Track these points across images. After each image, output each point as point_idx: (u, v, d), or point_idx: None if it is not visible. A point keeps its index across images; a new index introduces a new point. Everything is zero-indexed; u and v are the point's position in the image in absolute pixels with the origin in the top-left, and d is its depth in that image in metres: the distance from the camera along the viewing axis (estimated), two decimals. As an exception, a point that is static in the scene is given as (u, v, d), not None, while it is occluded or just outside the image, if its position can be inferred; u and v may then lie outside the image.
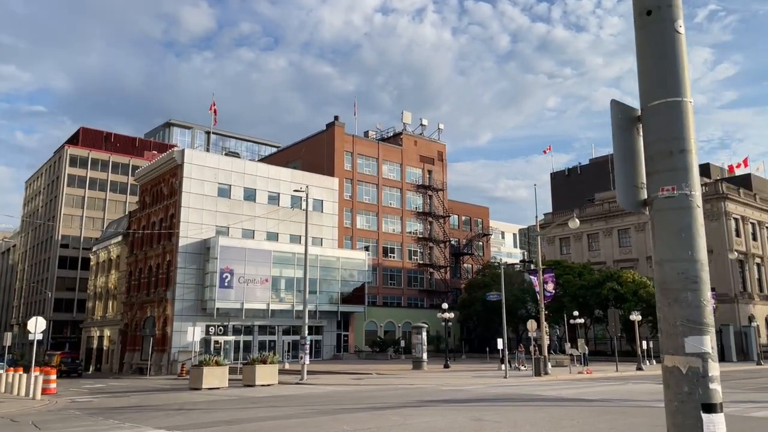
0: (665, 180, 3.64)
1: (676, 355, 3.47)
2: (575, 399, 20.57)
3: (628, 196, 3.79)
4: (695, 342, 3.42)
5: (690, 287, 3.48)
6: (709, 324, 3.48)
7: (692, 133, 3.71)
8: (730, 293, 57.15)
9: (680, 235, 3.56)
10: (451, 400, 20.72)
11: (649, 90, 3.81)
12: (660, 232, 3.66)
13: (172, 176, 58.22)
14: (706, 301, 3.49)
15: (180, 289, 54.41)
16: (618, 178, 3.77)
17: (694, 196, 3.61)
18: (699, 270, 3.51)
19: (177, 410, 18.87)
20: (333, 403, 20.06)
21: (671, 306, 3.53)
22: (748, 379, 32.72)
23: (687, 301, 3.47)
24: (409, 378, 33.01)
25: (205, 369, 27.63)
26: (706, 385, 3.39)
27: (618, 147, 3.82)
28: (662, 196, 3.64)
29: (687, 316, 3.46)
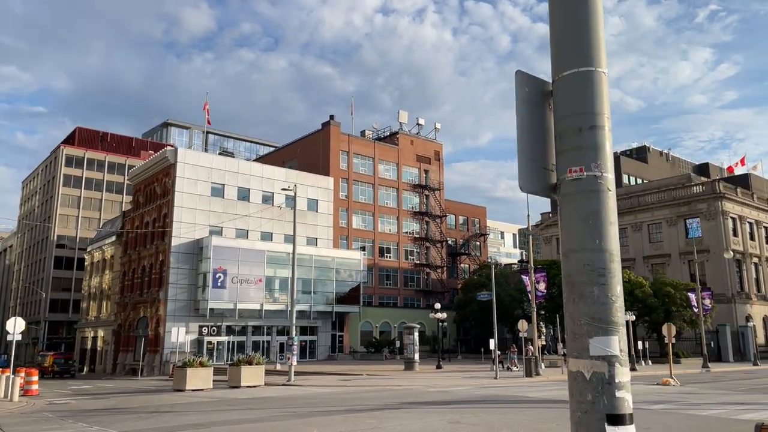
0: (573, 160, 3.23)
1: (580, 358, 3.04)
2: (560, 401, 20.10)
3: (534, 180, 3.36)
4: (601, 343, 3.00)
5: (597, 281, 3.06)
6: (618, 323, 3.05)
7: (605, 108, 3.29)
8: (727, 293, 56.61)
9: (587, 221, 3.13)
10: (434, 402, 20.29)
11: (560, 60, 3.39)
12: (566, 218, 3.23)
13: (165, 176, 57.83)
14: (615, 297, 3.06)
15: (173, 290, 53.99)
16: (522, 160, 3.34)
17: (605, 178, 3.19)
18: (607, 261, 3.09)
19: (151, 413, 18.45)
20: (312, 405, 19.64)
21: (576, 302, 3.11)
22: (742, 380, 32.26)
23: (593, 297, 3.05)
24: (399, 379, 32.57)
25: (189, 370, 27.20)
26: (612, 393, 2.96)
27: (523, 123, 3.39)
28: (569, 178, 3.22)
29: (593, 313, 3.04)
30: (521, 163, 3.33)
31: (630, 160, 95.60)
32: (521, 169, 3.32)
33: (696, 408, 18.35)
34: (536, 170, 3.35)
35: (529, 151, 3.35)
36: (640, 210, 64.44)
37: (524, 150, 3.34)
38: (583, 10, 3.37)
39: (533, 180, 3.34)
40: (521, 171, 3.31)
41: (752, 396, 22.14)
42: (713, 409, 18.30)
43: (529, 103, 3.41)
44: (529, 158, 3.34)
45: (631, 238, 65.23)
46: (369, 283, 71.64)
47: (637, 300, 51.38)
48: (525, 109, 3.39)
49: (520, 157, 3.33)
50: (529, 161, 3.34)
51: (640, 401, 20.07)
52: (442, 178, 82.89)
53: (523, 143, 3.35)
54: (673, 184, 68.17)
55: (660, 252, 62.64)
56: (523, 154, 3.34)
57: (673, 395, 22.57)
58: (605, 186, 3.17)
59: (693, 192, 61.90)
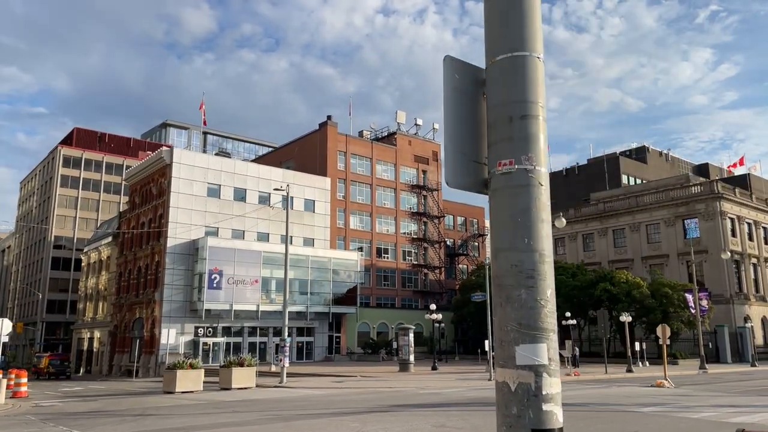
0: (503, 152, 2.98)
1: (506, 368, 2.80)
2: (550, 403, 19.85)
3: (464, 175, 3.10)
4: (528, 351, 2.75)
5: (525, 283, 2.81)
6: (548, 329, 2.80)
7: (540, 96, 3.04)
8: (726, 294, 56.29)
9: (516, 219, 2.88)
10: (423, 405, 20.03)
11: (493, 44, 3.14)
12: (495, 215, 2.99)
13: (161, 176, 57.62)
14: (545, 301, 2.81)
15: (168, 290, 53.77)
16: (450, 153, 3.09)
17: (537, 172, 2.94)
18: (537, 262, 2.84)
19: (135, 416, 18.21)
20: (300, 408, 19.39)
21: (503, 306, 2.86)
22: (738, 381, 31.96)
23: (520, 301, 2.80)
24: (392, 381, 32.31)
25: (179, 372, 26.95)
26: (538, 407, 2.70)
27: (453, 113, 3.14)
28: (498, 172, 2.98)
29: (519, 318, 2.79)
30: (449, 156, 3.08)
31: (629, 161, 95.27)
32: (448, 162, 3.07)
33: (687, 410, 18.08)
34: (466, 164, 3.10)
35: (459, 144, 3.10)
36: (638, 210, 64.15)
37: (453, 142, 3.09)
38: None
39: (463, 175, 3.09)
40: (448, 165, 3.06)
41: (746, 398, 21.86)
42: (705, 411, 18.03)
43: (460, 91, 3.15)
44: (458, 151, 3.08)
45: (629, 239, 64.96)
46: (366, 284, 71.38)
47: (634, 301, 51.12)
48: (456, 97, 3.14)
49: (448, 149, 3.08)
50: (459, 154, 3.09)
51: (631, 403, 19.83)
52: (440, 178, 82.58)
53: (452, 135, 3.09)
54: (671, 184, 67.88)
55: (658, 252, 62.33)
56: (451, 146, 3.09)
57: (666, 397, 22.29)
58: (537, 180, 2.92)
59: (691, 192, 61.60)
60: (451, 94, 3.13)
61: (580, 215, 69.79)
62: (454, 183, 3.07)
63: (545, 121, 3.06)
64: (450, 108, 3.12)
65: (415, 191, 79.36)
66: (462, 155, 3.09)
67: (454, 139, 3.09)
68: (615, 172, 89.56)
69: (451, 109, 3.12)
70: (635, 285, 51.37)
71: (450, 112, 3.12)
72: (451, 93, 3.13)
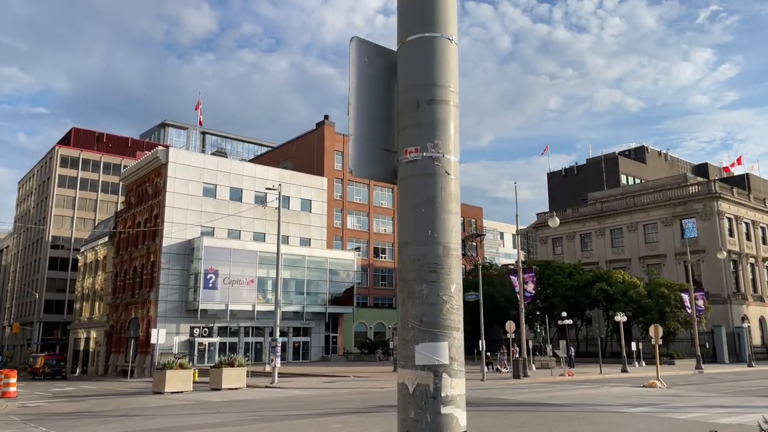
0: (409, 139, 2.81)
1: (406, 368, 2.63)
2: (537, 403, 19.69)
3: (373, 164, 2.92)
4: (428, 350, 2.58)
5: (427, 278, 2.64)
6: (450, 326, 2.63)
7: (450, 80, 2.87)
8: (723, 294, 56.05)
9: (420, 210, 2.71)
10: (410, 405, 19.85)
11: (404, 24, 2.97)
12: (401, 206, 2.82)
13: (157, 176, 57.47)
14: (448, 297, 2.64)
15: (164, 291, 53.60)
16: (357, 140, 2.91)
17: (444, 160, 2.77)
18: (441, 256, 2.66)
19: (118, 417, 18.06)
20: (285, 409, 19.22)
21: (405, 303, 2.69)
22: (733, 381, 31.75)
23: (422, 297, 2.63)
24: (384, 381, 32.11)
25: (168, 372, 26.78)
26: (436, 410, 2.53)
27: (361, 98, 2.95)
28: (405, 160, 2.81)
29: (420, 315, 2.62)
30: (355, 144, 2.89)
31: (628, 161, 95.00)
32: (355, 150, 2.88)
33: (676, 411, 17.89)
34: (375, 152, 2.92)
35: (368, 131, 2.92)
36: (635, 210, 63.92)
37: (361, 129, 2.91)
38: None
39: (372, 164, 2.91)
40: (355, 153, 2.88)
41: (738, 399, 21.66)
42: (693, 412, 17.85)
43: (370, 75, 2.97)
44: (366, 138, 2.91)
45: (626, 239, 64.74)
46: (364, 284, 71.22)
47: (631, 301, 50.92)
48: (365, 82, 2.96)
49: (355, 137, 2.89)
50: (367, 141, 2.91)
51: (620, 404, 19.65)
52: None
53: (360, 121, 2.91)
54: (669, 184, 67.65)
55: (655, 252, 62.11)
56: (358, 133, 2.90)
57: (657, 398, 22.10)
58: (443, 169, 2.75)
59: (689, 192, 61.36)
60: (359, 79, 2.95)
61: (578, 215, 69.58)
62: (361, 172, 2.89)
63: (457, 108, 2.89)
64: (358, 93, 2.94)
65: (413, 191, 79.19)
66: (370, 143, 2.92)
67: (363, 126, 2.91)
68: (614, 172, 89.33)
69: (359, 94, 2.94)
70: (632, 285, 51.16)
71: (358, 98, 2.94)
72: (359, 77, 2.95)
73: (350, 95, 2.91)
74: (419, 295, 2.63)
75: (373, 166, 2.91)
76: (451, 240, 2.71)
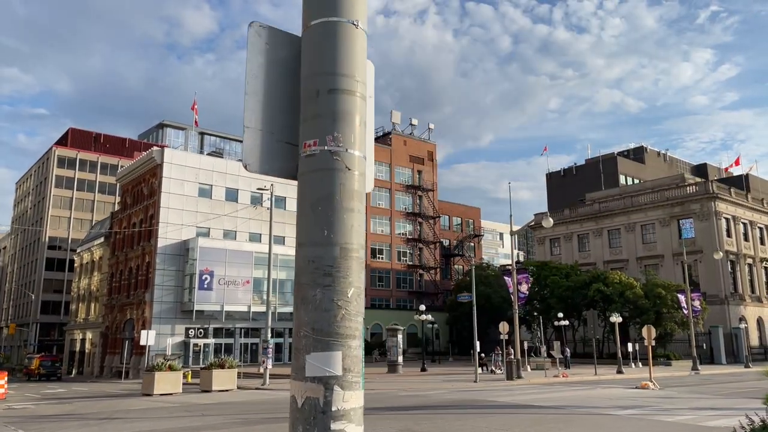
0: (309, 132, 2.60)
1: (296, 379, 2.42)
2: (524, 405, 19.47)
3: (272, 158, 2.70)
4: (318, 360, 2.37)
5: (321, 282, 2.43)
6: (345, 335, 2.42)
7: (356, 69, 2.66)
8: (721, 294, 55.80)
9: (316, 208, 2.51)
10: (398, 407, 19.65)
11: (309, 8, 2.76)
12: (299, 204, 2.61)
13: (152, 176, 57.29)
14: (344, 302, 2.43)
15: (159, 291, 53.40)
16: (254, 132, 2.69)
17: (345, 154, 2.56)
18: (338, 258, 2.46)
19: (101, 419, 17.86)
20: (270, 411, 19.01)
21: (298, 309, 2.48)
22: (728, 383, 31.51)
23: (315, 302, 2.42)
24: (377, 382, 31.89)
25: (157, 374, 26.57)
26: (325, 426, 2.32)
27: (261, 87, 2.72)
28: (304, 154, 2.60)
29: (313, 323, 2.41)
30: (252, 136, 2.66)
31: (627, 161, 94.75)
32: (250, 144, 2.65)
33: (665, 414, 17.68)
34: (276, 146, 2.71)
35: (267, 122, 2.70)
36: (633, 210, 63.69)
37: (259, 121, 2.69)
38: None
39: (272, 158, 2.69)
40: (250, 146, 2.65)
41: (730, 401, 21.43)
42: (683, 414, 17.65)
43: (271, 62, 2.74)
44: (266, 130, 2.69)
45: (624, 239, 64.51)
46: (361, 285, 71.00)
47: (628, 301, 50.71)
48: (264, 68, 2.73)
49: (251, 129, 2.67)
50: (267, 134, 2.69)
51: (609, 406, 19.44)
52: (436, 178, 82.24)
53: (257, 113, 2.69)
54: (667, 184, 67.41)
55: (653, 253, 61.87)
56: (255, 125, 2.68)
57: (648, 399, 21.89)
58: (343, 164, 2.54)
59: (686, 192, 61.11)
60: (258, 66, 2.73)
61: (576, 215, 69.36)
62: (258, 167, 2.67)
63: (365, 99, 2.68)
64: (257, 82, 2.72)
65: (411, 191, 78.98)
66: (270, 135, 2.70)
67: (261, 116, 2.69)
68: (613, 172, 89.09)
69: (258, 83, 2.72)
70: (628, 285, 50.94)
71: (256, 86, 2.71)
72: (259, 64, 2.73)
73: (246, 83, 2.69)
74: (312, 300, 2.42)
75: (273, 160, 2.69)
76: (351, 241, 2.50)
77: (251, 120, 2.67)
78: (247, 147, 2.65)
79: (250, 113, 2.67)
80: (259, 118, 2.69)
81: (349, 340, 2.41)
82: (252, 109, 2.67)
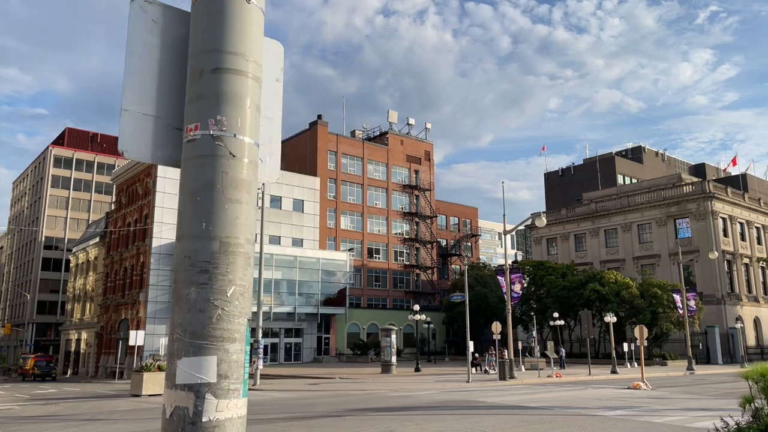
0: (191, 115, 2.38)
1: (168, 387, 2.19)
2: (514, 406, 19.24)
3: (157, 144, 2.47)
4: (191, 366, 2.15)
5: (196, 279, 2.20)
6: (223, 338, 2.19)
7: (246, 48, 2.43)
8: (717, 294, 55.56)
9: (195, 198, 2.28)
10: (385, 409, 19.43)
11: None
12: (180, 194, 2.38)
13: (147, 176, 57.06)
14: (224, 302, 2.21)
15: (153, 291, 53.18)
16: (132, 116, 2.45)
17: (230, 140, 2.34)
18: (216, 253, 2.23)
19: (82, 421, 17.63)
20: (254, 413, 18.75)
21: (174, 309, 2.26)
22: (722, 383, 31.29)
23: (189, 302, 2.20)
24: (369, 383, 31.68)
25: (146, 375, 26.36)
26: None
27: (140, 65, 2.48)
28: (185, 139, 2.37)
29: (186, 324, 2.19)
30: (131, 120, 2.42)
31: (625, 161, 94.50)
32: (129, 128, 2.42)
33: (654, 414, 17.46)
34: (160, 131, 2.47)
35: (150, 104, 2.46)
36: (629, 210, 63.44)
37: (139, 102, 2.45)
38: None
39: (154, 144, 2.45)
40: (129, 131, 2.41)
41: (721, 401, 21.18)
42: (672, 415, 17.42)
43: (155, 39, 2.52)
44: (147, 114, 2.45)
45: (620, 239, 64.27)
46: (358, 285, 70.80)
47: (624, 301, 50.49)
48: (150, 47, 2.51)
49: (131, 111, 2.43)
50: (151, 118, 2.46)
51: (598, 407, 19.23)
52: (433, 178, 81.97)
53: (137, 93, 2.45)
54: (663, 184, 67.17)
55: (650, 253, 61.64)
56: (136, 107, 2.45)
57: (638, 400, 21.66)
58: (227, 150, 2.31)
59: (683, 192, 60.87)
60: (143, 44, 2.49)
61: (572, 215, 69.13)
62: (138, 154, 2.44)
63: (259, 81, 2.46)
64: (140, 61, 2.48)
65: (407, 191, 78.73)
66: (155, 120, 2.46)
67: (143, 99, 2.45)
68: (611, 172, 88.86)
69: (142, 62, 2.49)
70: (624, 285, 50.71)
71: (140, 66, 2.47)
72: (143, 42, 2.49)
73: (127, 62, 2.46)
74: (186, 300, 2.20)
75: (156, 147, 2.46)
76: (234, 234, 2.27)
77: (131, 102, 2.44)
78: (125, 132, 2.41)
79: (130, 95, 2.44)
80: (140, 100, 2.46)
81: (227, 343, 2.19)
82: (133, 91, 2.44)
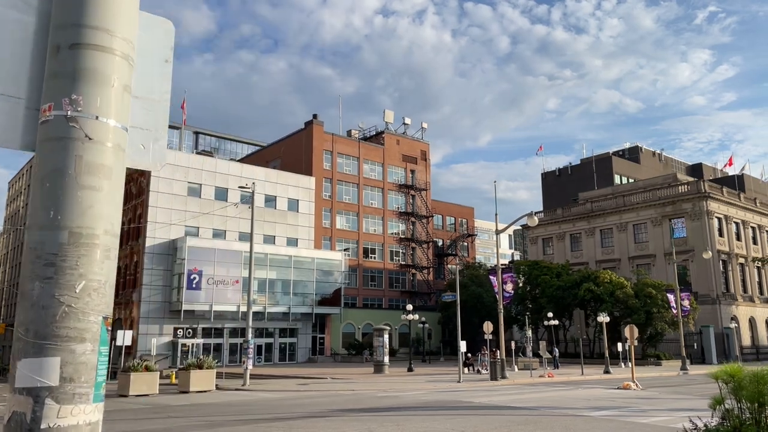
0: (47, 95, 2.18)
1: (10, 391, 2.00)
2: (501, 407, 19.06)
3: (17, 128, 2.25)
4: (29, 368, 1.95)
5: (41, 273, 2.01)
6: (69, 337, 2.00)
7: (111, 22, 2.24)
8: (712, 294, 55.40)
9: (44, 184, 2.09)
10: (370, 409, 19.24)
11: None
12: (32, 181, 2.18)
13: (140, 175, 56.79)
14: (70, 298, 2.01)
15: (147, 291, 52.99)
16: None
17: (85, 121, 2.14)
18: (65, 244, 2.04)
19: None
20: (239, 413, 18.59)
21: (18, 306, 2.06)
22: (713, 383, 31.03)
23: (32, 298, 2.01)
24: (359, 383, 31.49)
25: (132, 375, 26.16)
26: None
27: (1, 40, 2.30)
28: (40, 120, 2.18)
29: (28, 323, 2.00)
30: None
31: (622, 161, 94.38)
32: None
33: (640, 415, 17.29)
34: (22, 113, 2.26)
35: (10, 85, 2.27)
36: (625, 210, 63.28)
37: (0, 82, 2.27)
38: None
39: (13, 128, 2.25)
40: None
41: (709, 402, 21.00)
42: (659, 415, 17.26)
43: (16, 14, 2.30)
44: (11, 95, 2.26)
45: (616, 239, 64.11)
46: (353, 285, 70.59)
47: (618, 301, 50.33)
48: (11, 23, 2.30)
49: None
50: (13, 99, 2.26)
51: (585, 407, 19.06)
52: (429, 178, 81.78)
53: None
54: (659, 183, 67.02)
55: (645, 252, 61.48)
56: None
57: (627, 400, 21.49)
58: (82, 132, 2.12)
59: (678, 192, 60.71)
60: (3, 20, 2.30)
61: (568, 215, 68.96)
62: (4, 140, 2.24)
63: (128, 60, 2.26)
64: (1, 39, 2.30)
65: (403, 191, 78.52)
66: (16, 101, 2.26)
67: (3, 79, 2.26)
68: (608, 172, 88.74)
69: (3, 40, 2.30)
70: (619, 285, 50.55)
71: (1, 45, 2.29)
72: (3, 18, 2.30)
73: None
74: (30, 295, 2.00)
75: (15, 131, 2.25)
76: (89, 224, 2.08)
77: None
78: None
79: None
80: (5, 81, 2.25)
81: (74, 343, 2.00)
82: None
